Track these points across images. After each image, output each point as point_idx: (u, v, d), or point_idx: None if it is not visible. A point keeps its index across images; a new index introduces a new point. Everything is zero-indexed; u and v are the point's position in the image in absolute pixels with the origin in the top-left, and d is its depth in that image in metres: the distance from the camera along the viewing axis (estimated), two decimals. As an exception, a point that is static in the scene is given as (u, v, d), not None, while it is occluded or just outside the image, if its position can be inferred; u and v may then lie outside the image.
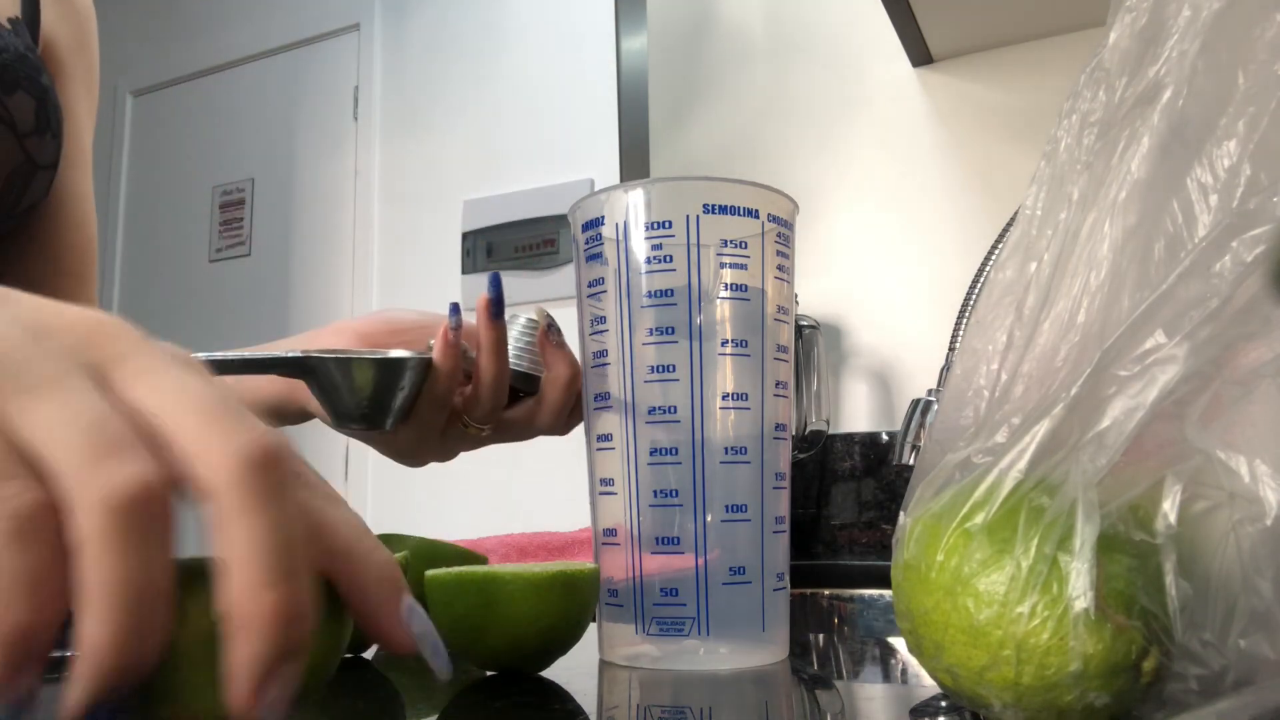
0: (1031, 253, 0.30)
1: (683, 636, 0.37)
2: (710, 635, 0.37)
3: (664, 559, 0.38)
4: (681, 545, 0.38)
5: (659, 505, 0.38)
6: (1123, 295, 0.27)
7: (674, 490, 0.38)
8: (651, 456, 0.38)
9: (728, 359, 0.38)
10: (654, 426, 0.38)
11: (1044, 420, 0.26)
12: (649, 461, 0.38)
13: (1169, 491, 0.25)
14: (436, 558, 0.50)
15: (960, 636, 0.26)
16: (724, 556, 0.38)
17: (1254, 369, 0.24)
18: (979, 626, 0.25)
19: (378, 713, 0.31)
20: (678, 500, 0.38)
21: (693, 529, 0.38)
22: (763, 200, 0.39)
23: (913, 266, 1.19)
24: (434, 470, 1.42)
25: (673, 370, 0.38)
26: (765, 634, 0.38)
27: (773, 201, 0.40)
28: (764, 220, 0.39)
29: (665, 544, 0.38)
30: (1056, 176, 0.30)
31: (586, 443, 0.42)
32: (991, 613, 0.25)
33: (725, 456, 0.38)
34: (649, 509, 0.38)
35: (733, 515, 0.38)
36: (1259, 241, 0.24)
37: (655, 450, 0.38)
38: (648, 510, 0.39)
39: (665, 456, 0.38)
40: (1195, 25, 0.27)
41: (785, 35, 1.32)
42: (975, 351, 0.31)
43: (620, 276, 0.39)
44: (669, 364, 0.38)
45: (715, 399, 0.38)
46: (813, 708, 0.33)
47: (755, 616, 0.38)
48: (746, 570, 0.38)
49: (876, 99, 1.24)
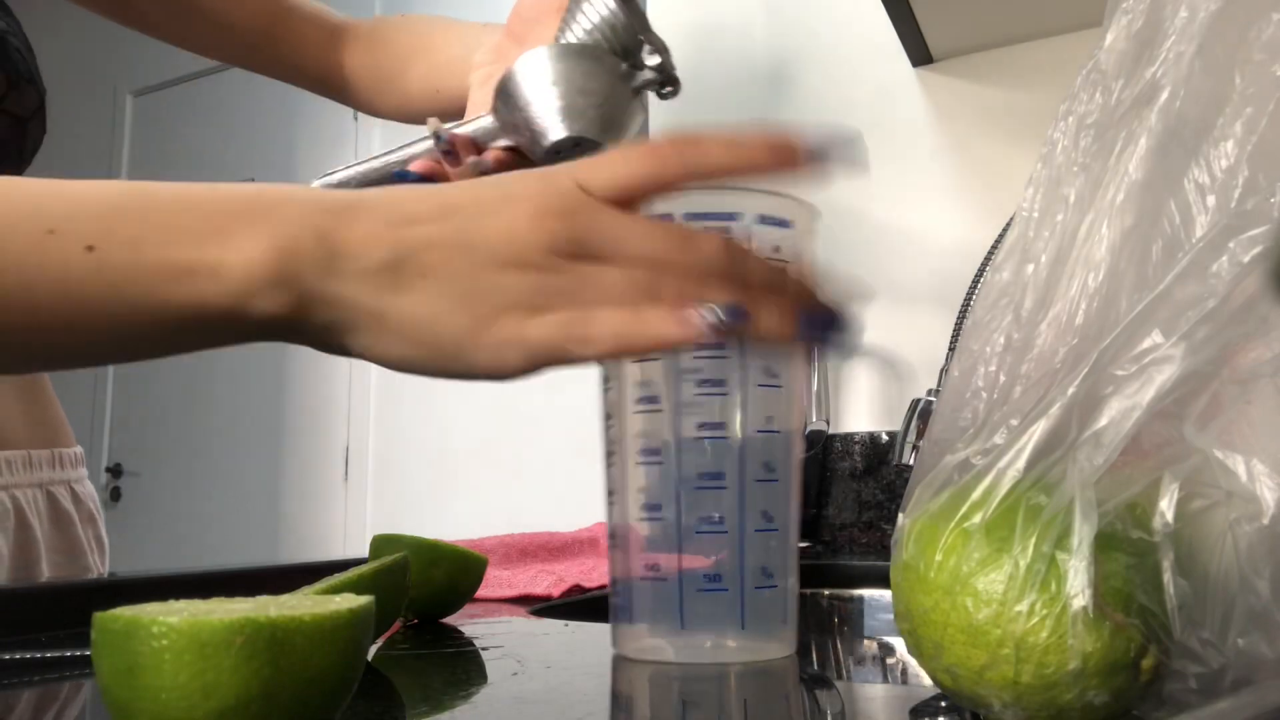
0: (1029, 254, 0.30)
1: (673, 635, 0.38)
2: (686, 630, 0.38)
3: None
4: (661, 547, 0.38)
5: (648, 519, 0.39)
6: (1121, 297, 0.27)
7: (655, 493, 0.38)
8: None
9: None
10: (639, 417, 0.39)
11: (1041, 420, 0.26)
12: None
13: (1166, 490, 0.25)
14: (437, 558, 0.50)
15: (959, 636, 0.26)
16: (696, 560, 0.38)
17: (1251, 369, 0.25)
18: (978, 626, 0.25)
19: (378, 712, 0.31)
20: (660, 514, 0.38)
21: (676, 536, 0.38)
22: (749, 204, 0.39)
23: (913, 266, 1.19)
24: (434, 470, 1.43)
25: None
26: (745, 632, 0.38)
27: (765, 204, 0.39)
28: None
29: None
30: (1053, 178, 0.30)
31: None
32: (990, 612, 0.25)
33: (699, 432, 0.38)
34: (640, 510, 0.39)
35: (709, 528, 0.38)
36: (1256, 242, 0.24)
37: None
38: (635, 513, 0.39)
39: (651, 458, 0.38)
40: (1192, 26, 0.27)
41: (785, 35, 1.33)
42: (973, 353, 0.31)
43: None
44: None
45: (690, 388, 0.38)
46: (813, 708, 0.33)
47: (735, 616, 0.38)
48: (723, 577, 0.38)
49: (876, 99, 1.24)
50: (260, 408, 2.38)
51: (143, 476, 2.59)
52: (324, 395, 2.24)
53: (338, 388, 2.21)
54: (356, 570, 0.40)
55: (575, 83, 0.44)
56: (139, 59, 2.65)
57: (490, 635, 0.47)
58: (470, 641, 0.46)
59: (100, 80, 2.71)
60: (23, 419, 0.68)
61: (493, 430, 1.88)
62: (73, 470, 0.73)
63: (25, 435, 0.68)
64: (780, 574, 0.38)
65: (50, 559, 0.68)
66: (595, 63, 0.44)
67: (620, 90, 0.45)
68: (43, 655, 0.41)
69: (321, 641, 0.24)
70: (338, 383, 2.21)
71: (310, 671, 0.24)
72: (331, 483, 2.20)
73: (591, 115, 0.44)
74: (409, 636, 0.47)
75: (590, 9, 0.45)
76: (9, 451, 0.66)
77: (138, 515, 2.56)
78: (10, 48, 0.64)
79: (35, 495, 0.68)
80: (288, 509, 2.30)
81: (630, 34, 0.45)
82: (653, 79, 0.46)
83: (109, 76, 2.72)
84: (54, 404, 0.73)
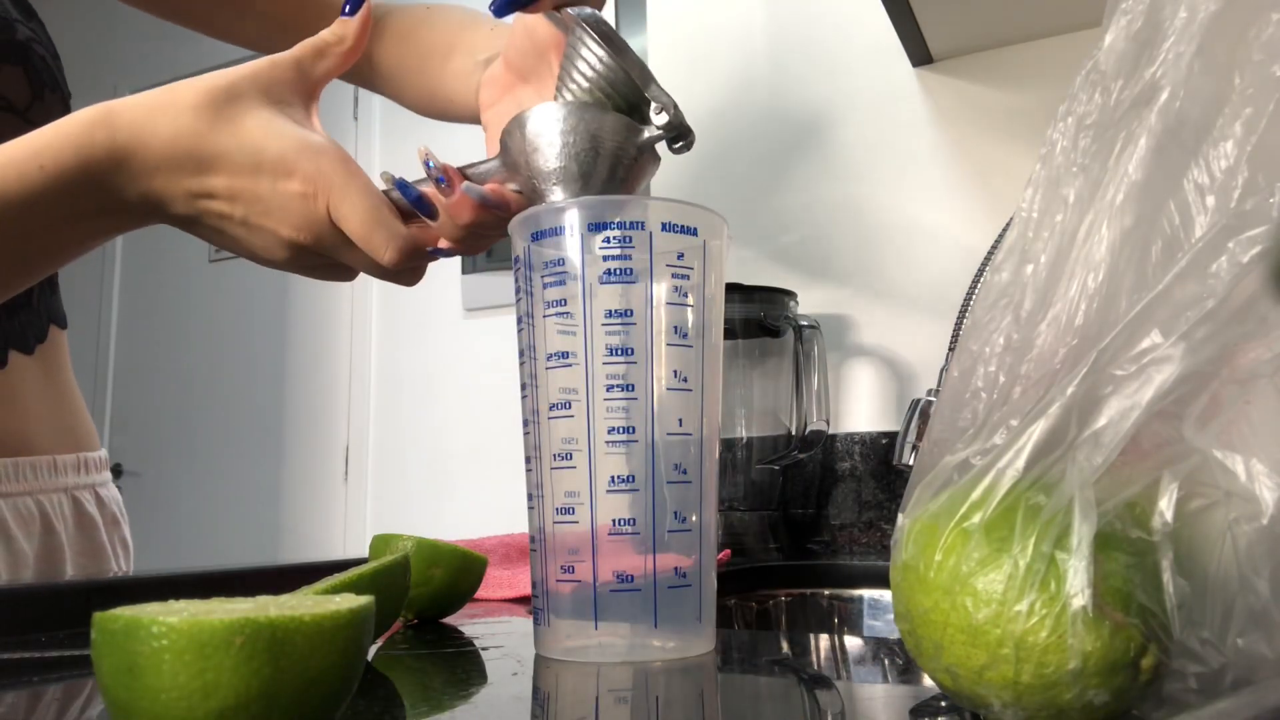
0: (1028, 255, 0.30)
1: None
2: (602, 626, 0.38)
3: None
4: (580, 555, 0.38)
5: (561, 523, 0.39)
6: (1120, 297, 0.27)
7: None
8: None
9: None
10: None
11: (1041, 420, 0.26)
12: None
13: (1166, 490, 0.25)
14: (436, 558, 0.50)
15: (959, 636, 0.26)
16: (610, 561, 0.38)
17: (1251, 369, 0.25)
18: (978, 626, 0.25)
19: (378, 713, 0.31)
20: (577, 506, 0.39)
21: (590, 535, 0.38)
22: (653, 212, 0.39)
23: (913, 266, 1.19)
24: (434, 470, 1.43)
25: (568, 356, 0.39)
26: (658, 632, 0.38)
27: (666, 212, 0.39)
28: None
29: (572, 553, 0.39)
30: (1052, 179, 0.30)
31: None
32: (990, 611, 0.25)
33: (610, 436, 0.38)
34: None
35: (620, 529, 0.38)
36: (1256, 242, 0.24)
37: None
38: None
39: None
40: (1191, 27, 0.27)
41: (785, 35, 1.33)
42: (972, 353, 0.31)
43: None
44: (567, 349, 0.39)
45: (601, 393, 0.39)
46: (813, 708, 0.33)
47: (649, 614, 0.38)
48: (635, 578, 0.38)
49: (876, 99, 1.24)
50: (260, 408, 2.38)
51: (143, 476, 2.59)
52: (324, 395, 2.24)
53: (338, 388, 2.21)
54: (356, 570, 0.40)
55: (577, 145, 0.44)
56: (139, 59, 2.66)
57: (490, 635, 0.47)
58: (470, 641, 0.46)
59: (100, 79, 2.71)
60: (49, 424, 0.68)
61: (493, 430, 1.88)
62: (97, 474, 0.73)
63: (51, 441, 0.68)
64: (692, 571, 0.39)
65: (75, 562, 0.68)
66: (598, 122, 0.44)
67: (627, 148, 0.45)
68: (43, 655, 0.41)
69: (321, 641, 0.24)
70: (338, 383, 2.21)
71: (310, 671, 0.24)
72: (331, 483, 2.20)
73: (594, 177, 0.45)
74: (409, 636, 0.47)
75: (585, 65, 0.45)
76: (35, 457, 0.66)
77: (138, 515, 2.55)
78: (34, 55, 0.63)
79: (60, 500, 0.68)
80: (288, 509, 2.30)
81: (632, 89, 0.45)
82: (659, 135, 0.46)
83: (109, 76, 2.73)
84: (80, 409, 0.73)
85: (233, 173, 0.44)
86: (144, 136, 0.43)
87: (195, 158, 0.44)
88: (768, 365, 1.13)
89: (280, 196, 0.44)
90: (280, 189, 0.44)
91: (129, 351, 2.72)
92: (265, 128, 0.44)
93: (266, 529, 2.32)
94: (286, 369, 2.36)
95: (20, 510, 0.64)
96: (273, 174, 0.44)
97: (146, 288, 2.70)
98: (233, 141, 0.44)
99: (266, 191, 0.44)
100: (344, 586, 0.39)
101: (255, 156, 0.44)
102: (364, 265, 0.47)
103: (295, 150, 0.44)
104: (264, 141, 0.44)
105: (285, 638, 0.23)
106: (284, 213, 0.44)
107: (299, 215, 0.44)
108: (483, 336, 1.96)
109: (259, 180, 0.44)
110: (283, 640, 0.23)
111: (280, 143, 0.44)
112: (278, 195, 0.44)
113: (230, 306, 2.49)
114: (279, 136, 0.44)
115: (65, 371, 0.71)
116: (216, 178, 0.44)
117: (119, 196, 0.44)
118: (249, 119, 0.44)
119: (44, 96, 0.64)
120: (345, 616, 0.25)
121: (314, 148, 0.44)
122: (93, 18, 2.72)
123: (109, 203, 0.44)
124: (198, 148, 0.44)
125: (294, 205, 0.44)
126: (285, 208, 0.44)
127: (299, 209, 0.44)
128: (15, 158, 0.42)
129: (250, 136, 0.44)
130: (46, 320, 0.70)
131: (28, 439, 0.66)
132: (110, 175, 0.43)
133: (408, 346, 2.08)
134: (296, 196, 0.44)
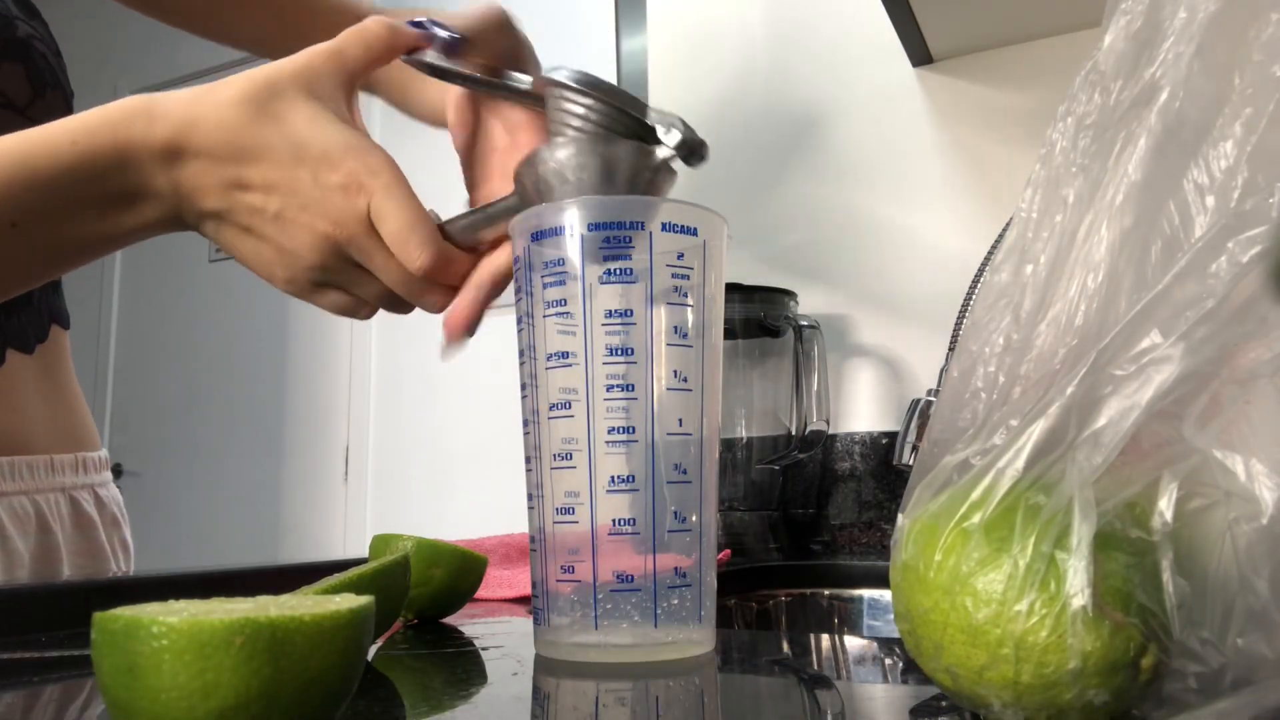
0: (1027, 255, 0.30)
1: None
2: (599, 628, 0.38)
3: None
4: (580, 555, 0.38)
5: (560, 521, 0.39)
6: (1120, 297, 0.27)
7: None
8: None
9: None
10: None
11: (1040, 420, 0.26)
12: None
13: (1165, 490, 0.25)
14: (436, 558, 0.50)
15: (959, 636, 0.26)
16: (610, 560, 0.38)
17: (1251, 369, 0.25)
18: (977, 625, 0.25)
19: (378, 713, 0.31)
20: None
21: (590, 535, 0.38)
22: (654, 212, 0.39)
23: (913, 266, 1.19)
24: (434, 470, 1.43)
25: (568, 356, 0.39)
26: (658, 631, 0.38)
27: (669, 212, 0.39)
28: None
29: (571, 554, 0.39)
30: (1051, 179, 0.30)
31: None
32: (990, 611, 0.25)
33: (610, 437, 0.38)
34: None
35: (620, 529, 0.38)
36: (1255, 242, 0.24)
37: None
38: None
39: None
40: (1191, 27, 0.27)
41: (785, 35, 1.33)
42: (972, 354, 0.31)
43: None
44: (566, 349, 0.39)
45: (601, 393, 0.39)
46: (813, 708, 0.33)
47: (649, 614, 0.38)
48: (635, 578, 0.38)
49: (876, 99, 1.24)
50: (260, 408, 2.38)
51: (143, 476, 2.59)
52: (324, 395, 2.24)
53: (338, 388, 2.21)
54: (356, 570, 0.40)
55: (591, 179, 0.43)
56: (139, 59, 2.66)
57: (490, 635, 0.47)
58: (470, 641, 0.46)
59: (100, 79, 2.71)
60: (47, 423, 0.68)
61: (493, 430, 1.88)
62: (97, 474, 0.73)
63: (49, 440, 0.68)
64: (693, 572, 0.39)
65: (73, 563, 0.68)
66: (611, 152, 0.43)
67: (641, 172, 0.44)
68: (42, 655, 0.41)
69: (321, 641, 0.24)
70: (338, 383, 2.21)
71: (310, 671, 0.24)
72: (331, 483, 2.20)
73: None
74: (409, 636, 0.48)
75: (575, 119, 0.44)
76: (31, 456, 0.66)
77: (137, 515, 2.55)
78: (35, 53, 0.63)
79: (57, 500, 0.68)
80: (288, 509, 2.30)
81: (630, 119, 0.45)
82: (672, 155, 0.45)
83: (109, 76, 2.73)
84: (80, 409, 0.73)
85: (273, 164, 0.43)
86: (184, 125, 0.43)
87: (235, 147, 0.43)
88: (768, 365, 1.13)
89: (320, 189, 0.43)
90: (321, 180, 0.43)
91: (129, 351, 2.72)
92: (310, 122, 0.44)
93: (266, 529, 2.32)
94: (287, 369, 2.36)
95: (16, 510, 0.64)
96: (315, 166, 0.43)
97: (146, 288, 2.70)
98: (276, 134, 0.43)
99: (306, 184, 0.43)
100: (344, 586, 0.39)
101: (298, 149, 0.43)
102: (390, 276, 0.45)
103: (342, 146, 0.43)
104: (309, 134, 0.43)
105: (285, 638, 0.23)
106: (321, 206, 0.43)
107: (337, 209, 0.43)
108: (483, 336, 1.95)
109: (299, 172, 0.43)
110: (283, 640, 0.23)
111: (325, 136, 0.43)
112: (318, 187, 0.43)
113: (231, 306, 2.49)
114: (324, 130, 0.44)
115: (66, 371, 0.71)
116: (255, 168, 0.43)
117: (149, 183, 0.43)
118: (293, 113, 0.44)
119: (45, 94, 0.63)
120: (345, 616, 0.25)
121: (362, 145, 0.44)
122: (95, 17, 2.72)
123: (137, 187, 0.43)
124: (239, 138, 0.43)
125: (333, 199, 0.43)
126: (324, 201, 0.43)
127: (338, 203, 0.43)
128: (49, 133, 0.42)
129: (294, 129, 0.43)
130: (48, 320, 0.70)
131: (25, 438, 0.66)
132: (143, 159, 0.43)
133: (408, 346, 2.08)
134: (337, 189, 0.43)
